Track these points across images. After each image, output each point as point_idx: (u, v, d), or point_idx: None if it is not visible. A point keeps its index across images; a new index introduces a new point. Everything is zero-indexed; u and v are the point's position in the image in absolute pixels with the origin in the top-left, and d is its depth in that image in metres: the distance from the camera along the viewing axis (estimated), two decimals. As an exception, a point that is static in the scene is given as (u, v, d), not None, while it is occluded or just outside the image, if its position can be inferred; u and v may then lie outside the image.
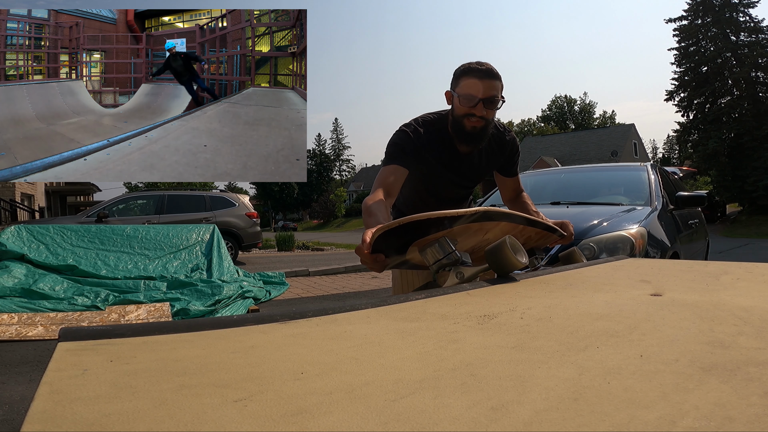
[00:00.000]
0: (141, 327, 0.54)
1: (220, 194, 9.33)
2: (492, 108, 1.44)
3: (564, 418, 0.32)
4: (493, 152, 1.62)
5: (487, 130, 1.48)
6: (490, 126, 1.49)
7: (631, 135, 33.60)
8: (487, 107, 1.42)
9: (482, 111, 1.42)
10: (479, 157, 1.60)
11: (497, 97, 1.44)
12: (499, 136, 1.61)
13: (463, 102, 1.43)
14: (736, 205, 24.22)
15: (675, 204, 3.69)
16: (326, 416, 0.33)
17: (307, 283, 6.18)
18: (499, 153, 1.63)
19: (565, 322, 0.59)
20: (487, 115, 1.44)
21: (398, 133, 1.51)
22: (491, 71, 1.42)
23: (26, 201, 16.31)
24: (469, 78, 1.42)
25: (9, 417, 2.12)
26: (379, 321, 0.61)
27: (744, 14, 22.73)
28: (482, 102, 1.41)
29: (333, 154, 64.83)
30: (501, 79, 1.45)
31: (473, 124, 1.44)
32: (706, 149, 22.41)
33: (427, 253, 0.92)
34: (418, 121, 1.54)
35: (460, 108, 1.45)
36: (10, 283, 4.27)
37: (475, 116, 1.43)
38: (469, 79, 1.42)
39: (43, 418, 0.32)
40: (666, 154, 60.00)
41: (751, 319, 0.57)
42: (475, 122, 1.44)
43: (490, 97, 1.42)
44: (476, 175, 1.64)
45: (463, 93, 1.43)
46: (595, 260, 1.28)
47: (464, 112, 1.44)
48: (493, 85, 1.42)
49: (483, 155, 1.60)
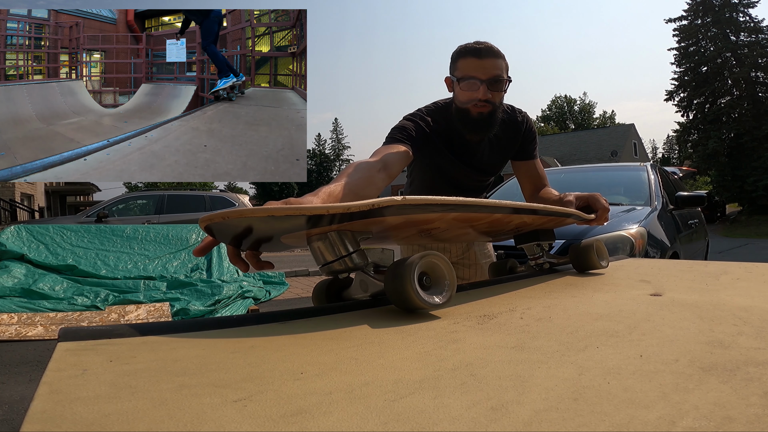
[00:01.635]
0: (141, 327, 0.54)
1: (220, 194, 9.33)
2: (497, 89, 1.29)
3: (564, 418, 0.32)
4: (507, 137, 1.46)
5: (495, 115, 1.33)
6: (498, 110, 1.33)
7: (630, 135, 33.60)
8: (492, 89, 1.27)
9: (487, 94, 1.27)
10: (491, 144, 1.45)
11: (502, 77, 1.28)
12: (510, 118, 1.44)
13: (465, 87, 1.29)
14: (736, 205, 24.23)
15: (675, 204, 3.69)
16: (326, 416, 0.33)
17: (307, 283, 6.18)
18: (514, 137, 1.46)
19: (565, 322, 0.59)
20: (493, 98, 1.29)
21: (402, 120, 1.36)
22: (491, 49, 1.28)
23: (26, 201, 16.31)
24: (467, 59, 1.28)
25: (9, 417, 2.12)
26: (379, 321, 0.61)
27: (744, 14, 22.74)
28: (486, 84, 1.26)
29: (333, 154, 64.89)
30: (504, 57, 1.30)
31: (479, 110, 1.29)
32: (706, 149, 22.42)
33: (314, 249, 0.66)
34: (422, 110, 1.39)
35: (462, 94, 1.30)
36: (10, 283, 4.27)
37: (480, 101, 1.28)
38: (468, 60, 1.28)
39: (42, 418, 0.32)
40: (666, 154, 60.02)
41: (750, 319, 0.57)
42: (481, 107, 1.29)
43: (493, 77, 1.27)
44: (491, 164, 1.49)
45: (463, 76, 1.28)
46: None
47: (467, 97, 1.29)
48: (495, 63, 1.27)
49: (495, 142, 1.45)
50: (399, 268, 0.60)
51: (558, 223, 1.12)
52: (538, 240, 1.05)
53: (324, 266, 0.67)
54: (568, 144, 34.44)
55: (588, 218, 1.15)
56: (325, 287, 0.76)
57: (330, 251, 0.65)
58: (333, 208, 0.59)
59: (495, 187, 4.31)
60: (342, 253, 0.65)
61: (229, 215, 0.57)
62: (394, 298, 0.62)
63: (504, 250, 2.83)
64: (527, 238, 1.06)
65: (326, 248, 0.65)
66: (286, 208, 0.58)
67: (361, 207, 0.59)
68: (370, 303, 0.70)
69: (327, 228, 0.63)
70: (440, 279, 0.64)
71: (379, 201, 0.61)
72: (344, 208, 0.59)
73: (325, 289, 0.75)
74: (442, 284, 0.64)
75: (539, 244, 1.06)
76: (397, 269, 0.60)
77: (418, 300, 0.60)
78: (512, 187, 4.32)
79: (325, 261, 0.66)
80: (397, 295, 0.60)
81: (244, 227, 0.60)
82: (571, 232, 2.63)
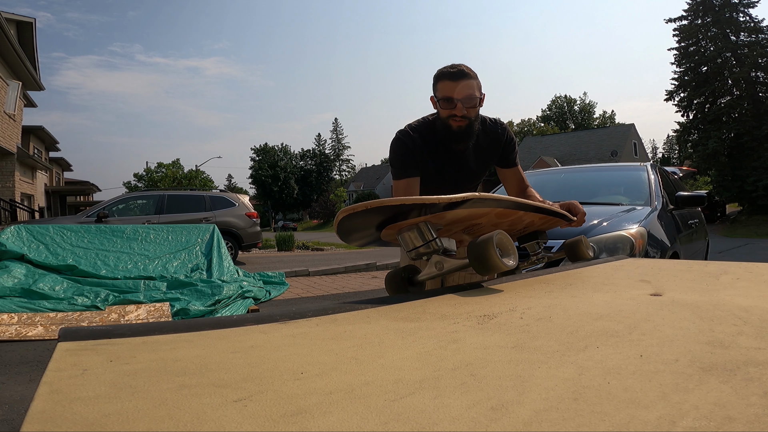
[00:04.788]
0: (141, 327, 0.54)
1: (220, 194, 9.33)
2: (471, 106, 1.50)
3: (564, 418, 0.32)
4: (489, 145, 1.68)
5: (472, 128, 1.54)
6: (475, 123, 1.55)
7: (630, 135, 33.61)
8: (466, 106, 1.49)
9: (462, 111, 1.49)
10: (475, 152, 1.66)
11: (474, 95, 1.50)
12: (491, 129, 1.67)
13: (444, 105, 1.50)
14: (736, 205, 24.22)
15: (675, 204, 3.69)
16: (326, 416, 0.33)
17: (307, 283, 6.18)
18: (495, 145, 1.69)
19: (565, 322, 0.59)
20: (469, 113, 1.50)
21: (395, 145, 1.59)
22: (463, 71, 1.49)
23: (26, 201, 16.31)
24: (443, 82, 1.50)
25: (9, 417, 2.12)
26: (379, 321, 0.61)
27: (744, 14, 22.73)
28: (461, 102, 1.48)
29: (333, 154, 64.85)
30: (476, 77, 1.51)
31: (458, 124, 1.51)
32: (706, 149, 22.40)
33: (405, 238, 0.88)
34: (411, 126, 1.61)
35: (442, 111, 1.52)
36: (10, 283, 4.27)
37: (457, 116, 1.50)
38: (444, 83, 1.49)
39: (42, 418, 0.32)
40: (666, 154, 60.03)
41: (750, 319, 0.57)
42: (459, 122, 1.50)
43: (466, 97, 1.48)
44: (477, 169, 1.70)
45: (441, 96, 1.50)
46: (595, 260, 1.28)
47: (447, 114, 1.51)
48: (467, 84, 1.48)
49: (478, 150, 1.66)
50: (482, 242, 0.81)
51: (551, 225, 1.37)
52: (537, 239, 1.29)
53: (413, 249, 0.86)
54: (568, 144, 34.43)
55: (571, 220, 1.44)
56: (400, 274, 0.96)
57: (419, 238, 0.86)
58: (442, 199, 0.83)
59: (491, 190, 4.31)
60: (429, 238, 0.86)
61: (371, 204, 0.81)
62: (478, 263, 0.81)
63: None
64: (528, 237, 1.29)
65: (414, 236, 0.86)
66: (424, 198, 0.82)
67: (457, 199, 0.85)
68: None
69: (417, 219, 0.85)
70: (508, 250, 0.84)
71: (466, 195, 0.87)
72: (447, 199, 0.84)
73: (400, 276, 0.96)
74: (509, 253, 0.85)
75: (538, 242, 1.30)
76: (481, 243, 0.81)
77: (499, 261, 0.79)
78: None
79: (414, 246, 0.86)
80: (482, 260, 0.80)
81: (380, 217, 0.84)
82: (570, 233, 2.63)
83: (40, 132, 19.47)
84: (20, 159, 14.97)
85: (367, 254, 9.97)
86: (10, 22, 13.82)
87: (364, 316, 0.64)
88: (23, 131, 16.01)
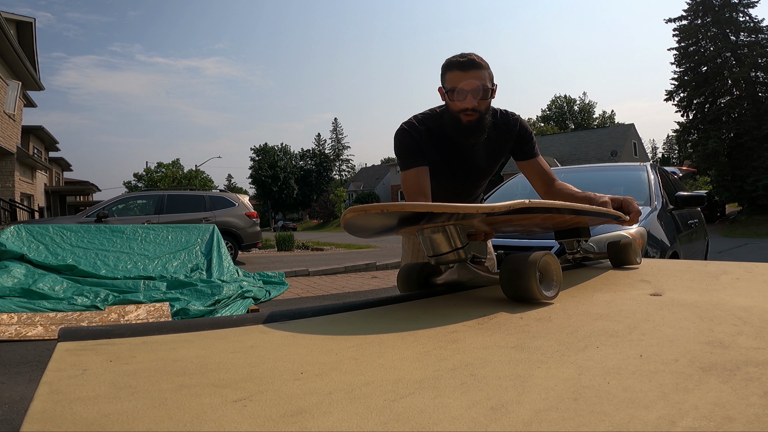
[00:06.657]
0: (141, 327, 0.54)
1: (219, 194, 9.32)
2: (483, 98, 1.40)
3: (564, 418, 0.32)
4: (500, 138, 1.56)
5: (483, 121, 1.44)
6: (486, 116, 1.45)
7: (630, 135, 33.59)
8: (477, 98, 1.39)
9: (473, 103, 1.39)
10: (486, 147, 1.55)
11: (486, 86, 1.39)
12: (503, 122, 1.55)
13: (453, 97, 1.40)
14: (736, 205, 24.22)
15: (675, 204, 3.69)
16: (326, 416, 0.33)
17: (307, 283, 6.18)
18: (507, 138, 1.57)
19: (565, 321, 0.59)
20: (479, 105, 1.40)
21: (400, 135, 1.49)
22: (473, 61, 1.38)
23: (26, 201, 16.30)
24: (452, 72, 1.39)
25: (9, 417, 2.12)
26: (379, 321, 0.61)
27: (744, 14, 22.73)
28: (471, 93, 1.38)
29: (333, 154, 64.83)
30: (487, 67, 1.41)
31: (468, 118, 1.41)
32: (706, 149, 22.40)
33: (427, 241, 0.76)
34: (417, 118, 1.50)
35: (451, 104, 1.42)
36: (10, 283, 4.27)
37: (467, 109, 1.40)
38: (453, 73, 1.39)
39: (42, 418, 0.32)
40: (666, 154, 60.04)
41: (750, 319, 0.57)
42: (469, 115, 1.41)
43: (477, 88, 1.38)
44: (487, 164, 1.60)
45: (450, 87, 1.40)
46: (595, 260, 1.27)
47: (456, 107, 1.41)
48: (478, 74, 1.38)
49: (490, 144, 1.55)
50: (521, 265, 0.69)
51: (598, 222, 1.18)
52: (579, 236, 1.12)
53: (436, 256, 0.75)
54: (568, 144, 34.43)
55: (624, 219, 1.21)
56: (416, 272, 0.87)
57: (446, 243, 0.75)
58: (481, 208, 0.69)
59: (494, 188, 4.31)
60: (458, 245, 0.74)
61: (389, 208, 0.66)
62: (510, 289, 0.70)
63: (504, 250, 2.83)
64: (568, 234, 1.13)
65: (443, 240, 0.74)
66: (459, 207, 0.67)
67: (502, 208, 0.70)
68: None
69: (446, 222, 0.72)
70: (552, 279, 0.73)
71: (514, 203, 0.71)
72: (490, 209, 0.69)
73: (416, 274, 0.87)
74: (552, 285, 0.73)
75: (578, 240, 1.14)
76: (518, 266, 0.69)
77: (538, 293, 0.68)
78: (512, 187, 4.33)
79: (439, 252, 0.75)
80: (517, 289, 0.69)
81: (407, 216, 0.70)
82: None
83: (39, 132, 19.47)
84: (20, 159, 14.97)
85: (367, 254, 9.97)
86: (10, 22, 13.82)
87: (363, 316, 0.64)
88: (23, 131, 16.01)
